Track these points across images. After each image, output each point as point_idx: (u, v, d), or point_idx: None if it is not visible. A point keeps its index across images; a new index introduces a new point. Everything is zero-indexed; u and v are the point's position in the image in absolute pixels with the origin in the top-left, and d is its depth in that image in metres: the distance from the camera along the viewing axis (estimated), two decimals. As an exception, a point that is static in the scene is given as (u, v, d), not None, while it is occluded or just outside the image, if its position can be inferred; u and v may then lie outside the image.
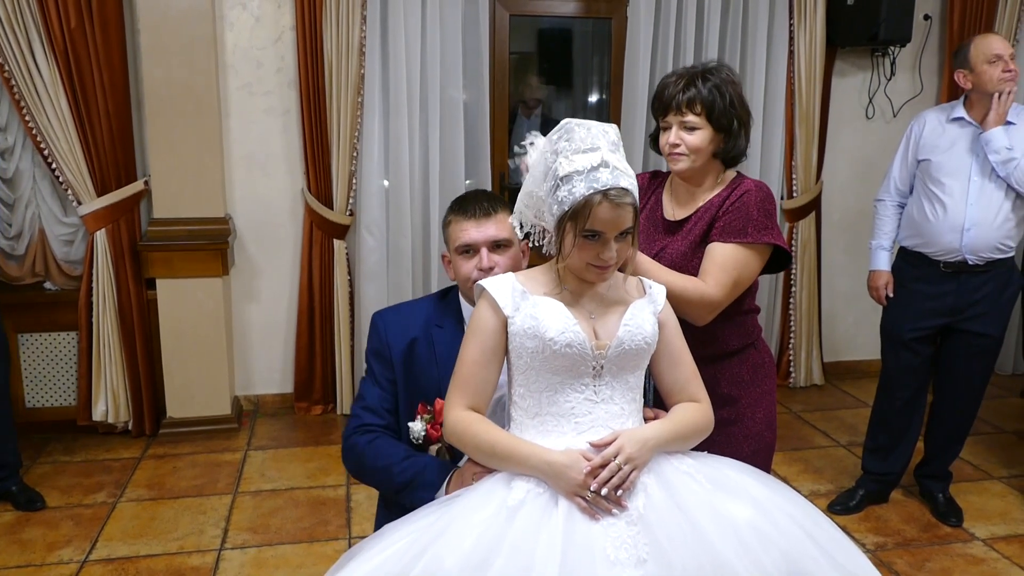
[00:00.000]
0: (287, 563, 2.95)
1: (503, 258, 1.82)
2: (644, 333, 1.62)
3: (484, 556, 1.39)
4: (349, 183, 4.10)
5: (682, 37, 4.31)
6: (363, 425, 1.82)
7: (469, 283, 1.81)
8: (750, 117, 2.03)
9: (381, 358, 1.86)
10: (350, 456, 1.84)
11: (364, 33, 3.97)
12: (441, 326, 1.86)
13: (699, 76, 1.96)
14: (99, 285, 3.84)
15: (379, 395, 1.84)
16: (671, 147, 1.99)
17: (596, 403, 1.59)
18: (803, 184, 4.57)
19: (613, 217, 1.50)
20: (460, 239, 1.82)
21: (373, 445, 1.78)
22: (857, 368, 4.96)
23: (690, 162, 1.99)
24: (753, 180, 2.03)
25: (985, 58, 2.98)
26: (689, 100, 1.94)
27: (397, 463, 1.75)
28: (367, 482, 1.88)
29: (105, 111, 3.73)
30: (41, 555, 2.98)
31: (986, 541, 3.14)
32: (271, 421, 4.25)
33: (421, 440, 1.78)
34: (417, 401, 1.81)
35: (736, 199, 1.97)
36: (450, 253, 1.87)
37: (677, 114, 1.97)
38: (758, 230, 1.94)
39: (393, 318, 1.90)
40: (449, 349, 1.80)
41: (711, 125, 1.96)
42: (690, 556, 1.42)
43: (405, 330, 1.86)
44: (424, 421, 1.78)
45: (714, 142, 1.98)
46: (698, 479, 1.55)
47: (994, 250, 3.04)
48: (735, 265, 1.93)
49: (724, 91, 1.95)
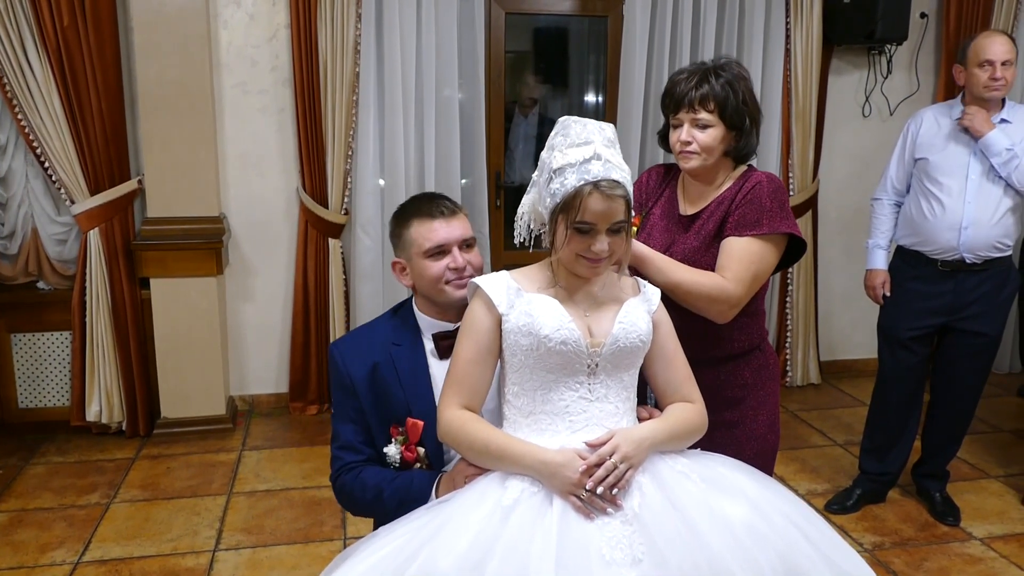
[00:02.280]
0: (282, 564, 2.93)
1: (473, 256, 1.80)
2: (639, 331, 1.61)
3: (479, 557, 1.38)
4: (344, 182, 4.09)
5: (678, 35, 4.31)
6: (345, 465, 1.79)
7: (440, 283, 1.76)
8: (760, 114, 2.00)
9: (345, 390, 1.80)
10: (343, 497, 1.82)
11: (359, 31, 3.95)
12: (399, 344, 1.80)
13: (711, 72, 1.93)
14: (92, 285, 3.82)
15: (352, 430, 1.79)
16: (683, 145, 1.95)
17: (590, 401, 1.58)
18: (800, 182, 4.56)
19: (604, 209, 1.50)
20: (431, 239, 1.76)
21: (359, 479, 1.75)
22: (854, 367, 4.95)
23: (701, 160, 1.95)
24: (763, 172, 2.00)
25: (977, 61, 2.98)
26: (702, 97, 1.91)
27: (386, 487, 1.72)
28: (368, 516, 1.85)
29: (98, 109, 3.71)
30: (34, 556, 2.96)
31: (983, 540, 3.13)
32: (266, 421, 4.23)
33: (398, 464, 1.75)
34: (389, 425, 1.77)
35: (748, 191, 1.94)
36: (410, 258, 1.80)
37: (689, 111, 1.93)
38: (772, 220, 1.92)
39: (350, 347, 1.83)
40: (411, 366, 1.77)
41: (723, 123, 1.92)
42: (686, 555, 1.42)
43: (365, 356, 1.79)
44: (398, 443, 1.75)
45: (726, 140, 1.95)
46: (692, 478, 1.55)
47: (992, 249, 3.03)
48: (752, 258, 1.91)
49: (736, 88, 1.92)
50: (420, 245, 1.77)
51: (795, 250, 2.02)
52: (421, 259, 1.78)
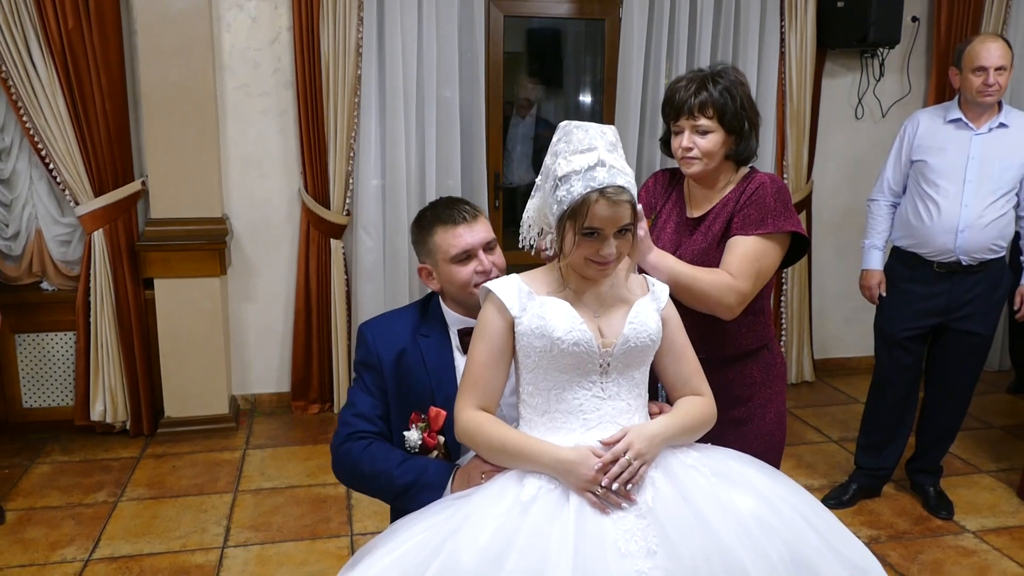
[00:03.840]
0: (291, 560, 2.98)
1: (496, 257, 1.85)
2: (649, 330, 1.66)
3: (499, 551, 1.42)
4: (346, 183, 4.12)
5: (675, 39, 4.37)
6: (356, 432, 1.80)
7: (470, 287, 1.81)
8: (759, 117, 2.06)
9: (371, 368, 1.84)
10: (343, 463, 1.82)
11: (361, 34, 3.99)
12: (427, 336, 1.86)
13: (709, 79, 1.99)
14: (97, 285, 3.84)
15: (370, 403, 1.83)
16: (684, 151, 2.01)
17: (603, 399, 1.63)
18: (794, 184, 4.63)
19: (611, 214, 1.54)
20: (456, 246, 1.81)
21: (368, 451, 1.77)
22: (847, 365, 5.03)
23: (703, 165, 2.02)
24: (767, 173, 2.07)
25: (971, 66, 3.02)
26: (701, 104, 1.97)
27: (396, 467, 1.74)
28: (362, 489, 1.85)
29: (102, 111, 3.74)
30: (44, 554, 2.99)
31: (976, 533, 3.20)
32: (268, 420, 4.27)
33: (417, 448, 1.78)
34: (409, 411, 1.81)
35: (752, 192, 2.01)
36: (437, 264, 1.85)
37: (689, 118, 1.99)
38: (777, 219, 1.98)
39: (380, 328, 1.88)
40: (437, 358, 1.82)
41: (723, 128, 1.98)
42: (697, 546, 1.46)
43: (393, 340, 1.84)
44: (419, 430, 1.79)
45: (726, 144, 2.01)
46: (703, 471, 1.59)
47: (987, 251, 3.09)
48: (757, 256, 1.96)
49: (735, 93, 1.98)
50: (446, 251, 1.82)
51: (798, 248, 2.08)
52: (448, 264, 1.82)
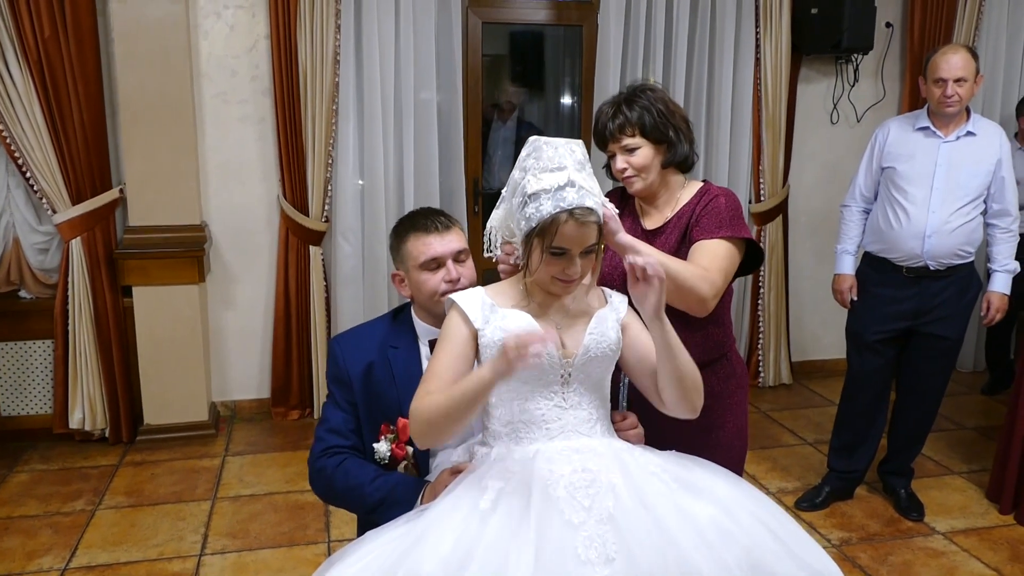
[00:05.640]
0: (268, 567, 2.99)
1: (466, 269, 1.88)
2: (609, 340, 1.69)
3: (461, 559, 1.45)
4: (324, 190, 4.14)
5: (651, 44, 4.40)
6: (330, 448, 1.85)
7: (437, 296, 1.84)
8: (687, 121, 2.12)
9: (341, 383, 1.89)
10: (319, 479, 1.87)
11: (338, 41, 4.01)
12: (396, 347, 1.89)
13: (623, 102, 2.07)
14: (75, 293, 3.85)
15: (342, 417, 1.87)
16: (620, 173, 2.09)
17: (565, 409, 1.66)
18: (770, 188, 4.67)
19: (578, 235, 1.57)
20: (425, 253, 1.84)
21: (342, 467, 1.82)
22: (824, 367, 5.07)
23: (643, 181, 2.08)
24: (720, 187, 2.13)
25: (932, 77, 3.08)
26: (620, 126, 2.05)
27: (368, 483, 1.78)
28: (338, 504, 1.90)
29: (80, 120, 3.74)
30: (21, 564, 3.00)
31: (946, 534, 3.25)
32: (248, 427, 4.28)
33: (387, 459, 1.82)
34: (379, 423, 1.84)
35: (707, 204, 2.07)
36: (408, 270, 1.89)
37: (615, 142, 2.07)
38: (734, 227, 2.04)
39: (349, 343, 1.93)
40: (406, 368, 1.85)
41: (649, 141, 2.05)
42: (655, 553, 1.49)
43: (362, 355, 1.88)
44: (388, 441, 1.82)
45: (659, 155, 2.07)
46: (664, 479, 1.61)
47: (954, 256, 3.14)
48: (724, 255, 2.02)
49: (651, 106, 2.04)
50: (416, 258, 1.86)
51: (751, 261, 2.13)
52: (418, 271, 1.86)
